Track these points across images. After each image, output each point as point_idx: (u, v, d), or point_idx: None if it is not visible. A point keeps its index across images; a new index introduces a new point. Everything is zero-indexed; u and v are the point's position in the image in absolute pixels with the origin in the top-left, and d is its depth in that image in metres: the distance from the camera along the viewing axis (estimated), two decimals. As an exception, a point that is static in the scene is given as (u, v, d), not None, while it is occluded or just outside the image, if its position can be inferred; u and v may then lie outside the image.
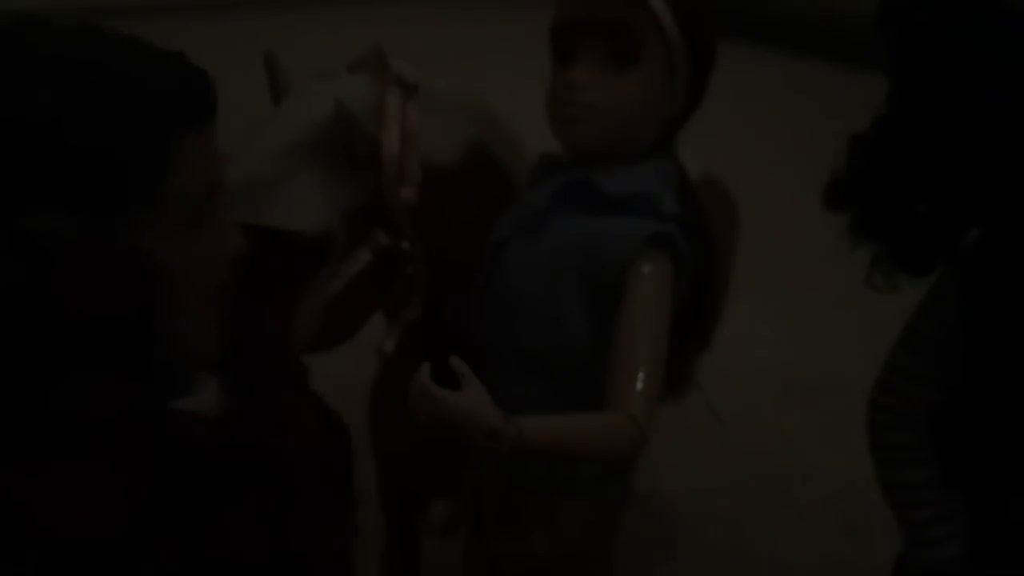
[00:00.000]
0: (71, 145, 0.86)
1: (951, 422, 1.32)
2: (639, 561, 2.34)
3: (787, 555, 2.37)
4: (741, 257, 2.03)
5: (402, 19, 7.31)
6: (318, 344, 1.39)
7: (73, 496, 0.81)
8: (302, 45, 3.89)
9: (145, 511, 0.84)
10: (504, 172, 1.57)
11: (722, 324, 1.65)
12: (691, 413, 1.80)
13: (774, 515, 2.52)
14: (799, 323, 3.45)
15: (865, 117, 1.29)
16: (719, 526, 2.48)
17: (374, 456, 1.81)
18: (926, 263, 1.28)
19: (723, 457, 2.70)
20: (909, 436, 1.34)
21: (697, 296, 1.41)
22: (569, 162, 1.39)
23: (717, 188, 1.88)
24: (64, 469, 0.82)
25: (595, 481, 1.44)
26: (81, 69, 0.88)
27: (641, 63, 1.30)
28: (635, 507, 1.91)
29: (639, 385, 1.24)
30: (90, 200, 0.88)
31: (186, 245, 0.94)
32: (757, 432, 2.81)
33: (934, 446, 1.34)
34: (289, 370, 1.14)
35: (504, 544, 1.44)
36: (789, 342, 3.33)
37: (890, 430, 1.35)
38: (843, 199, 1.30)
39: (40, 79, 0.86)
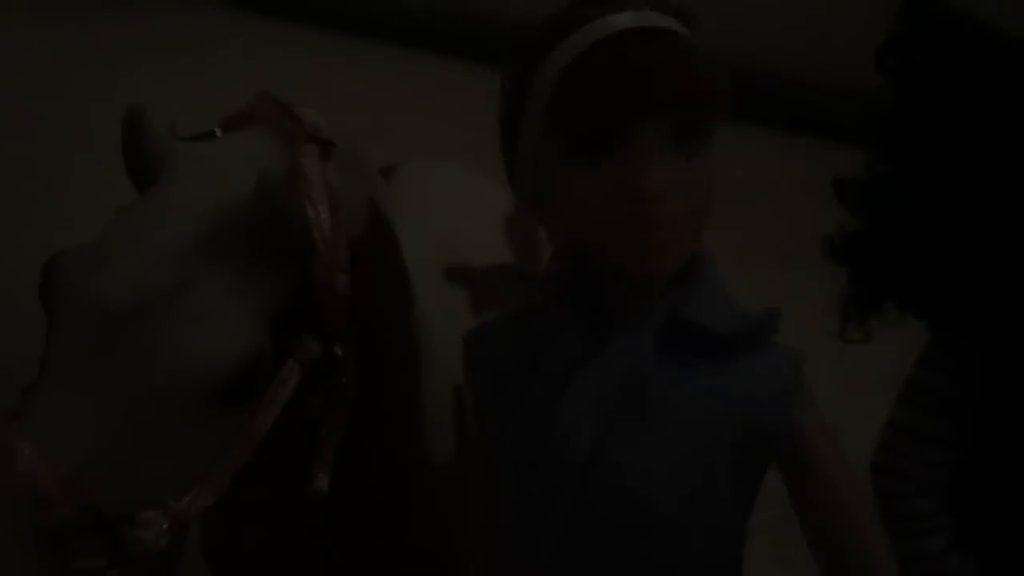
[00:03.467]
0: None
1: (964, 484, 1.24)
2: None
3: (787, 556, 2.24)
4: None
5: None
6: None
7: None
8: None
9: None
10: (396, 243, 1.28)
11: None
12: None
13: (775, 514, 2.38)
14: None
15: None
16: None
17: None
18: (941, 307, 1.19)
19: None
20: (926, 503, 1.24)
21: None
22: (606, 286, 0.96)
23: None
24: None
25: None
26: None
27: (708, 136, 0.91)
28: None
29: None
30: None
31: None
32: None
33: (949, 510, 1.25)
34: None
35: None
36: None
37: (904, 498, 1.25)
38: (852, 248, 1.20)
39: None
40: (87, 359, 0.93)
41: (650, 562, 0.96)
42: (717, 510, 0.96)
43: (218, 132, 1.12)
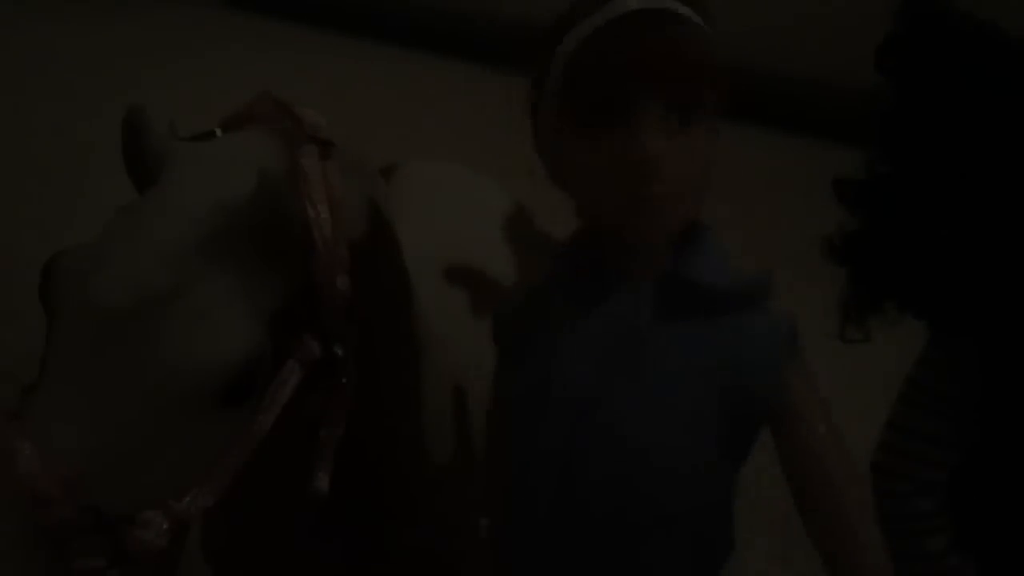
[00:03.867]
0: None
1: (964, 484, 1.24)
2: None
3: (787, 554, 2.24)
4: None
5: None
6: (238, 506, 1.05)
7: None
8: None
9: None
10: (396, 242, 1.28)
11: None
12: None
13: (775, 514, 2.37)
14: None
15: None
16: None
17: None
18: (940, 307, 1.19)
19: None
20: (926, 503, 1.24)
21: None
22: (610, 248, 1.02)
23: None
24: None
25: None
26: None
27: (706, 108, 0.98)
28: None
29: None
30: None
31: None
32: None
33: (949, 510, 1.25)
34: None
35: None
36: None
37: (904, 498, 1.24)
38: (852, 248, 1.20)
39: None
40: (87, 359, 0.93)
41: (642, 511, 1.00)
42: (707, 462, 1.01)
43: (218, 132, 1.12)
